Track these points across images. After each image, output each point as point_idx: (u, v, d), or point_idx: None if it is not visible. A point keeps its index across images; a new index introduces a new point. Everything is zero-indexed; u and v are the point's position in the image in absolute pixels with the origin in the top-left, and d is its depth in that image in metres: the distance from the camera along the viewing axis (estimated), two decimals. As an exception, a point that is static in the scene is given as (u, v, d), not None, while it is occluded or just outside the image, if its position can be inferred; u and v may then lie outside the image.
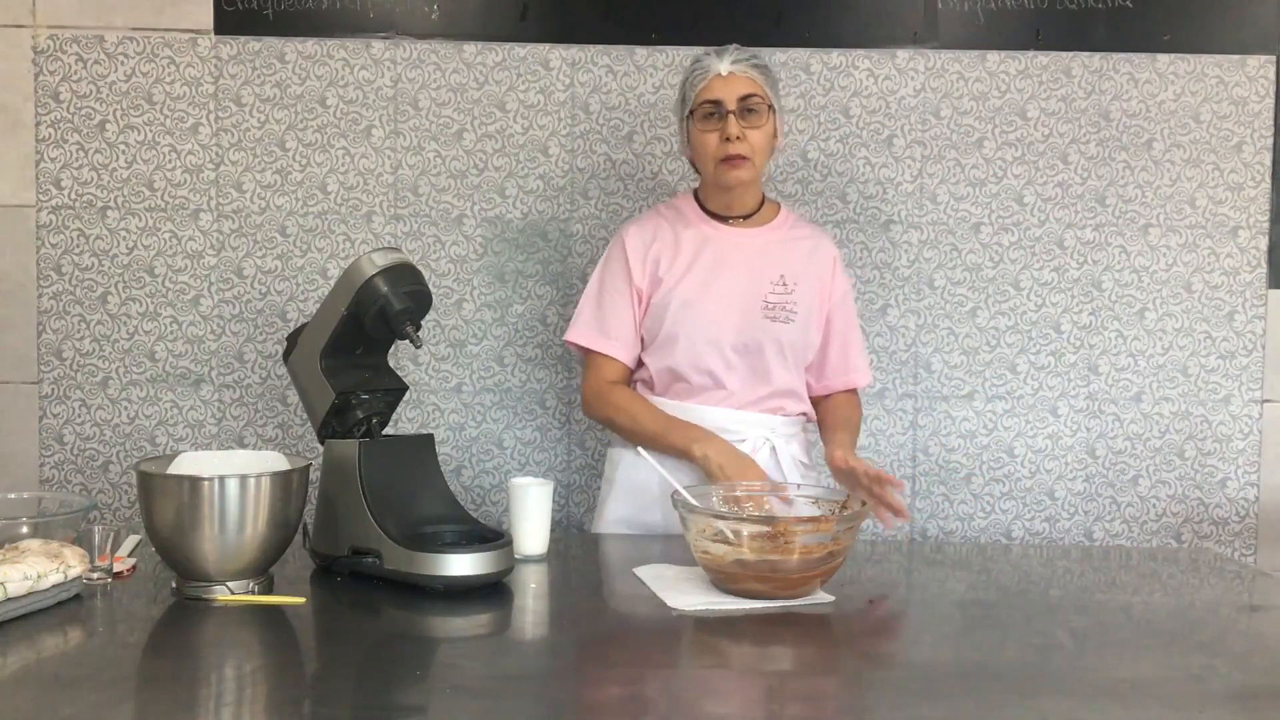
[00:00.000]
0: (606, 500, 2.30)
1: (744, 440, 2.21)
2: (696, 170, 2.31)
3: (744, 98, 2.17)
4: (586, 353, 2.30)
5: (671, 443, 2.16)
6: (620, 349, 2.26)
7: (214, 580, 1.65)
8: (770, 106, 2.20)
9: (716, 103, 2.17)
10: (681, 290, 2.22)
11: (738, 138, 2.15)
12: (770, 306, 2.22)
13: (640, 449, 2.06)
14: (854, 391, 2.38)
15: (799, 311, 2.24)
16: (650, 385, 2.27)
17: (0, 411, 2.77)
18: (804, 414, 2.32)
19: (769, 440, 2.23)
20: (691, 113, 2.21)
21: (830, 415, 2.32)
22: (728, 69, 2.17)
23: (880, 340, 2.78)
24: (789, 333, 2.23)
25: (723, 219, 2.28)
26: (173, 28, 2.74)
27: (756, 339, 2.21)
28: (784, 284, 2.24)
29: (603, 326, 2.26)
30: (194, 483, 1.63)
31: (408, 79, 2.75)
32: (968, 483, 2.80)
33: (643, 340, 2.28)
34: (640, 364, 2.29)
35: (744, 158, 2.17)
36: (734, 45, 2.22)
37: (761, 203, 2.30)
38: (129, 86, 2.74)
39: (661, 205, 2.39)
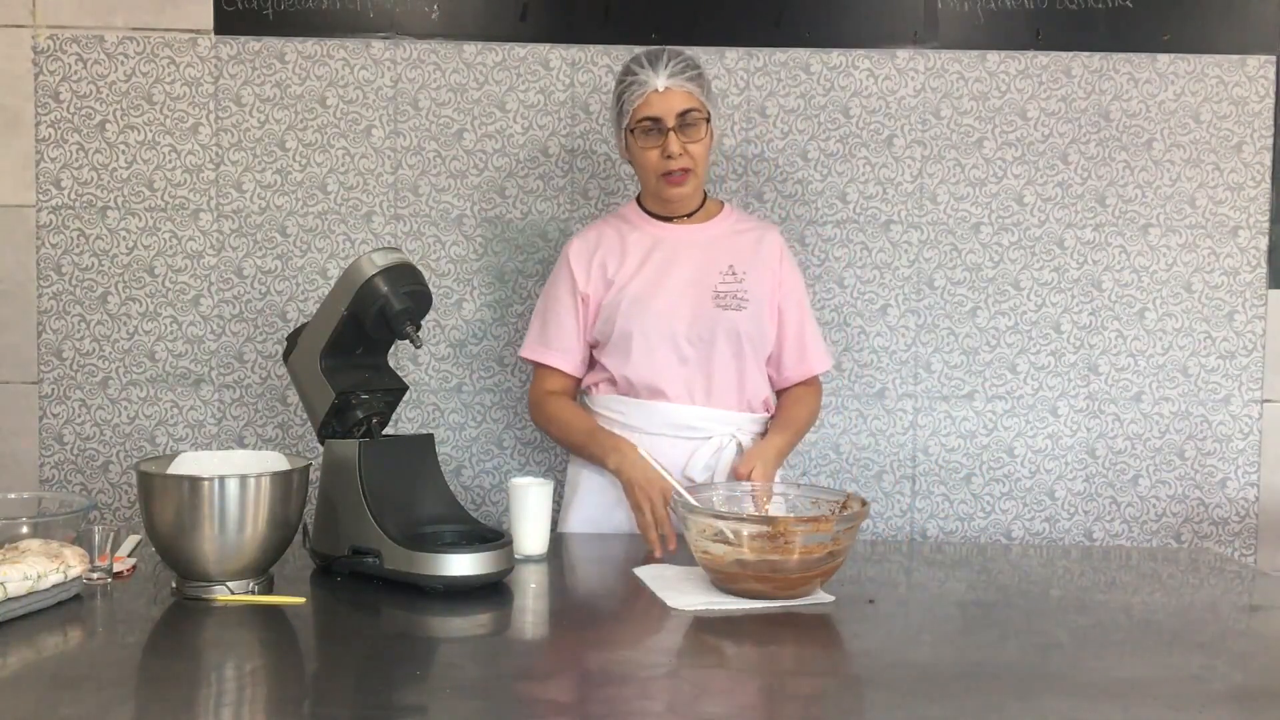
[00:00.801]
0: (571, 502, 2.31)
1: (710, 437, 2.21)
2: (637, 175, 2.32)
3: (683, 113, 2.17)
4: (534, 364, 2.34)
5: (592, 453, 2.21)
6: (561, 359, 2.29)
7: (214, 580, 1.65)
8: (707, 118, 2.21)
9: (655, 119, 2.17)
10: (632, 288, 2.24)
11: (679, 154, 2.17)
12: (721, 295, 2.23)
13: (641, 450, 2.06)
14: (812, 382, 2.38)
15: (750, 300, 2.24)
16: (614, 386, 2.28)
17: (0, 411, 2.77)
18: (769, 411, 2.32)
19: (735, 437, 2.23)
20: (630, 129, 2.21)
21: (777, 413, 2.32)
22: (664, 84, 2.17)
23: (880, 340, 2.78)
24: (742, 321, 2.23)
25: (667, 219, 2.30)
26: (173, 28, 2.74)
27: (710, 329, 2.22)
28: (733, 273, 2.25)
29: (545, 338, 2.30)
30: (194, 483, 1.63)
31: (408, 79, 2.75)
32: (968, 483, 2.80)
33: (596, 344, 2.29)
34: (596, 367, 2.31)
35: (686, 171, 2.19)
36: (666, 51, 2.21)
37: (703, 201, 2.32)
38: (129, 86, 2.74)
39: (607, 215, 2.42)
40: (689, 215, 2.30)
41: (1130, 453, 2.80)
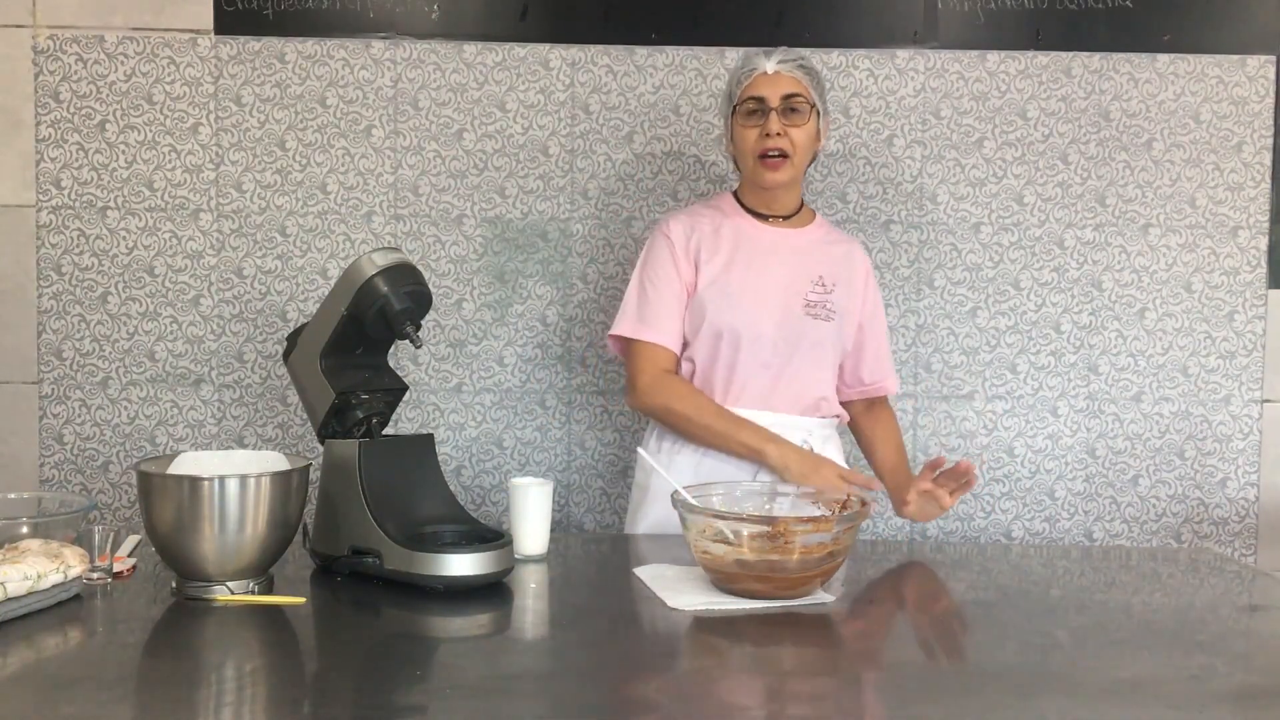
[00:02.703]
0: (641, 505, 2.27)
1: None
2: (738, 168, 2.30)
3: (788, 96, 2.17)
4: (630, 345, 2.25)
5: (743, 440, 2.14)
6: (667, 337, 2.22)
7: (214, 580, 1.65)
8: (813, 107, 2.20)
9: (760, 99, 2.17)
10: (722, 283, 2.21)
11: (778, 134, 2.15)
12: (811, 304, 2.23)
13: (640, 449, 2.06)
14: (886, 401, 2.42)
15: (837, 312, 2.24)
16: (689, 378, 2.25)
17: (0, 411, 2.77)
18: (838, 416, 2.32)
19: (807, 441, 2.21)
20: (735, 109, 2.21)
21: (883, 441, 2.39)
22: (774, 68, 2.18)
23: (880, 340, 2.78)
24: (828, 332, 2.23)
25: (762, 218, 2.28)
26: (173, 28, 2.74)
27: (796, 336, 2.21)
28: (823, 284, 2.24)
29: (645, 316, 2.22)
30: (194, 483, 1.63)
31: (408, 79, 2.75)
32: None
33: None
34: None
35: (784, 155, 2.17)
36: (783, 47, 2.23)
37: (799, 206, 2.31)
38: (129, 86, 2.74)
39: (699, 202, 2.40)
40: (784, 218, 2.28)
41: (1130, 453, 2.80)
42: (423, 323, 1.88)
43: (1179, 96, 2.76)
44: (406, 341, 1.86)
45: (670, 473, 1.96)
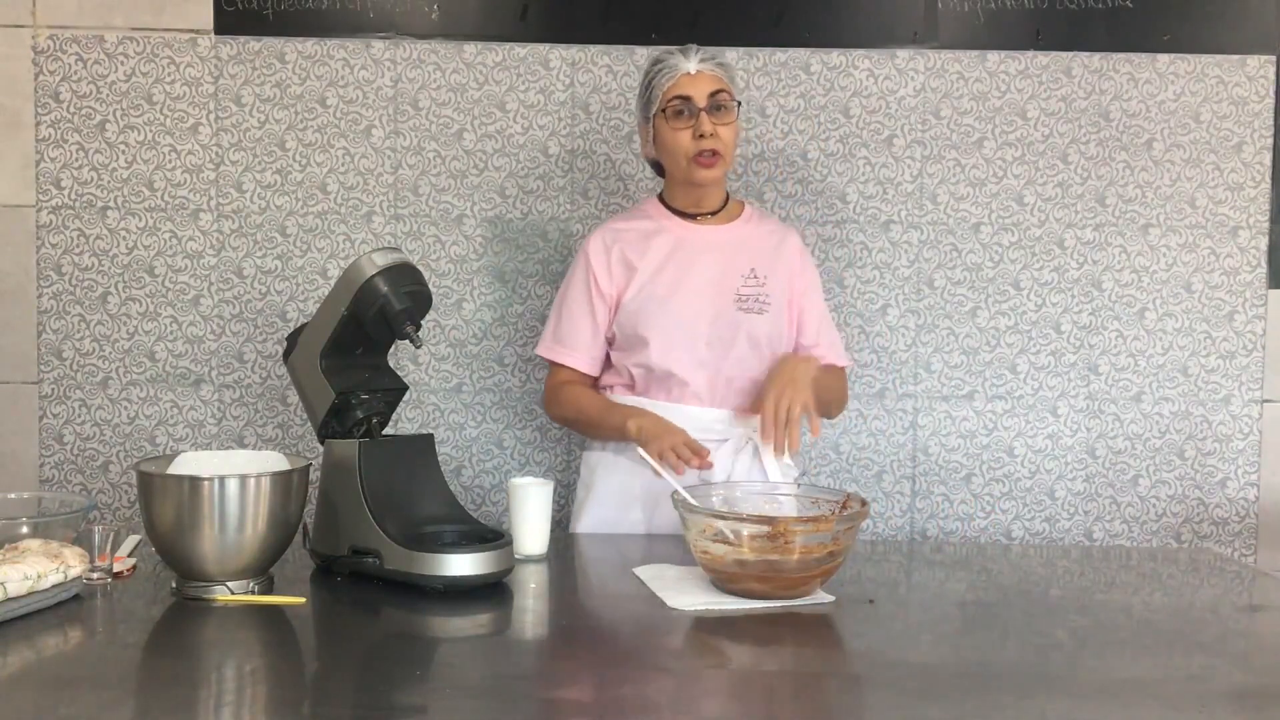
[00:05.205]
0: (585, 503, 2.30)
1: (727, 440, 2.20)
2: (659, 172, 2.33)
3: (713, 94, 2.18)
4: (549, 361, 2.34)
5: (611, 424, 2.20)
6: (575, 357, 2.29)
7: (214, 580, 1.65)
8: (737, 103, 2.22)
9: (686, 99, 2.18)
10: (653, 287, 2.23)
11: (710, 134, 2.17)
12: (743, 298, 2.23)
13: (640, 450, 2.06)
14: (840, 369, 2.37)
15: (771, 303, 2.25)
16: (631, 386, 2.27)
17: (0, 411, 2.77)
18: None
19: (751, 440, 2.21)
20: (661, 110, 2.21)
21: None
22: (695, 67, 2.19)
23: (880, 340, 2.78)
24: (762, 324, 2.23)
25: (690, 217, 2.29)
26: (173, 28, 2.74)
27: (730, 332, 2.22)
28: (755, 276, 2.25)
29: (560, 336, 2.30)
30: (194, 483, 1.63)
31: (408, 79, 2.75)
32: (968, 483, 2.80)
33: (613, 341, 2.28)
34: (611, 369, 2.30)
35: (717, 154, 2.19)
36: (694, 45, 2.23)
37: (725, 200, 2.32)
38: (129, 86, 2.74)
39: (624, 212, 2.41)
40: (712, 214, 2.29)
41: (1130, 453, 2.80)
42: (423, 323, 1.88)
43: (1179, 96, 2.76)
44: (406, 341, 1.86)
45: (665, 472, 1.97)
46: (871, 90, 2.76)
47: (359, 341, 1.89)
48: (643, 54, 2.74)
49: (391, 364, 1.98)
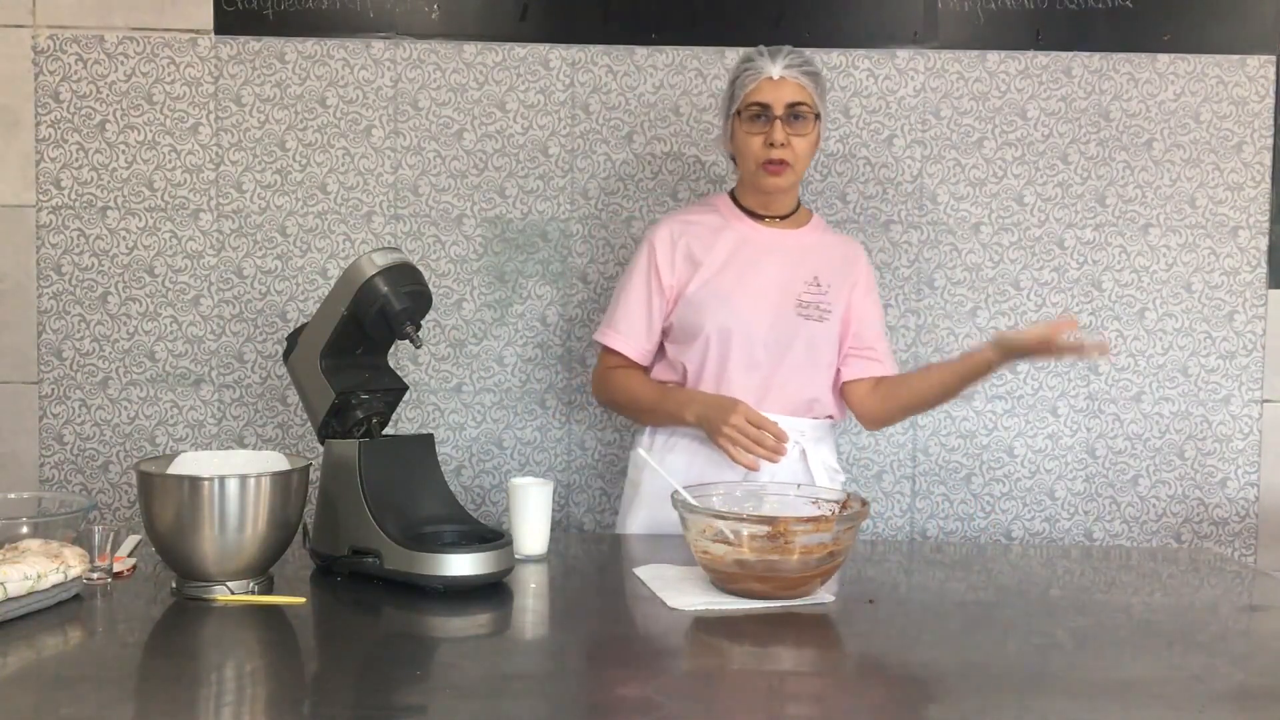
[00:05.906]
0: (632, 503, 2.28)
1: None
2: (735, 166, 2.30)
3: (792, 104, 2.16)
4: (601, 345, 2.33)
5: (667, 411, 2.19)
6: (625, 343, 2.27)
7: (214, 580, 1.65)
8: (816, 115, 2.20)
9: (764, 106, 2.16)
10: (716, 283, 2.22)
11: (782, 144, 2.15)
12: (804, 305, 2.22)
13: (640, 450, 2.06)
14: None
15: (832, 312, 2.24)
16: (682, 380, 2.26)
17: (0, 411, 2.77)
18: (831, 416, 2.31)
19: (799, 443, 2.20)
20: (738, 112, 2.20)
21: (920, 373, 2.33)
22: (779, 73, 2.16)
23: (880, 340, 2.78)
24: (821, 332, 2.23)
25: (758, 218, 2.28)
26: (173, 28, 2.74)
27: (788, 336, 2.21)
28: (818, 284, 2.24)
29: (614, 322, 2.29)
30: (194, 483, 1.63)
31: (408, 79, 2.75)
32: (968, 483, 2.80)
33: (670, 332, 2.26)
34: (662, 362, 2.29)
35: (786, 164, 2.17)
36: (787, 47, 2.21)
37: (796, 207, 2.31)
38: (129, 86, 2.74)
39: (695, 204, 2.40)
40: (781, 218, 2.28)
41: (1130, 453, 2.80)
42: (423, 323, 1.88)
43: (1179, 96, 2.76)
44: (406, 341, 1.86)
45: (664, 470, 1.96)
46: (871, 90, 2.76)
47: (359, 341, 1.89)
48: (643, 54, 2.74)
49: (391, 364, 1.98)
